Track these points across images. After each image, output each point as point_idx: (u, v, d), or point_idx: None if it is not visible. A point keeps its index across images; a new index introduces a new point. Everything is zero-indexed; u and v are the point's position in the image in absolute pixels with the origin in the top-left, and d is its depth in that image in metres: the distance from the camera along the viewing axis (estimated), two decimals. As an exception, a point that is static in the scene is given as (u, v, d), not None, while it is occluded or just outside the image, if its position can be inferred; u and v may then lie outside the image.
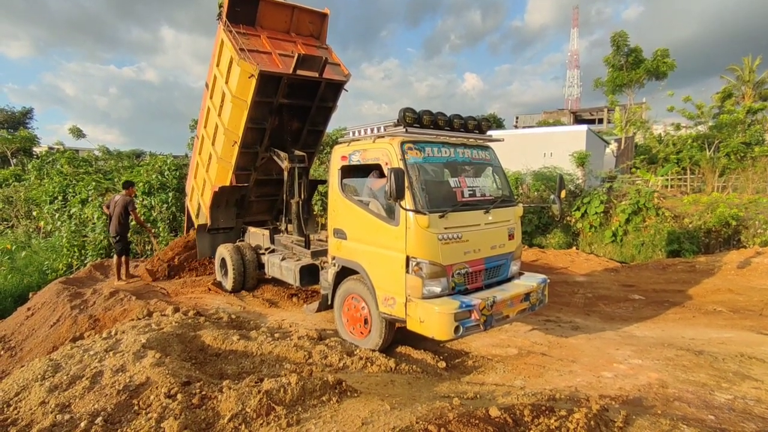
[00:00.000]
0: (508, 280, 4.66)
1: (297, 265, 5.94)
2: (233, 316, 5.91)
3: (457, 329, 3.76)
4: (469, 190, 4.41)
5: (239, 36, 6.37)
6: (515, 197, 5.01)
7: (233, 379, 3.59)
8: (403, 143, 4.15)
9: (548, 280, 4.88)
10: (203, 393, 3.08)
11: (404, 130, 4.15)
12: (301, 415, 2.83)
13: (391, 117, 4.52)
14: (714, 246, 9.95)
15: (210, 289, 7.61)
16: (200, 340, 4.56)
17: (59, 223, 12.11)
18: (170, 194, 11.61)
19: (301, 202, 7.12)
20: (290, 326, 5.62)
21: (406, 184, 3.85)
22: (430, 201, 4.02)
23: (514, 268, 4.76)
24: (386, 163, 4.20)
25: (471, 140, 4.78)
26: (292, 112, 7.16)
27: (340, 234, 4.81)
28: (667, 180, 20.41)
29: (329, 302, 5.08)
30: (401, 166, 3.99)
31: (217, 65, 6.96)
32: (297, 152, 7.16)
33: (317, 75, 6.54)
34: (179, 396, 3.00)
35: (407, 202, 3.91)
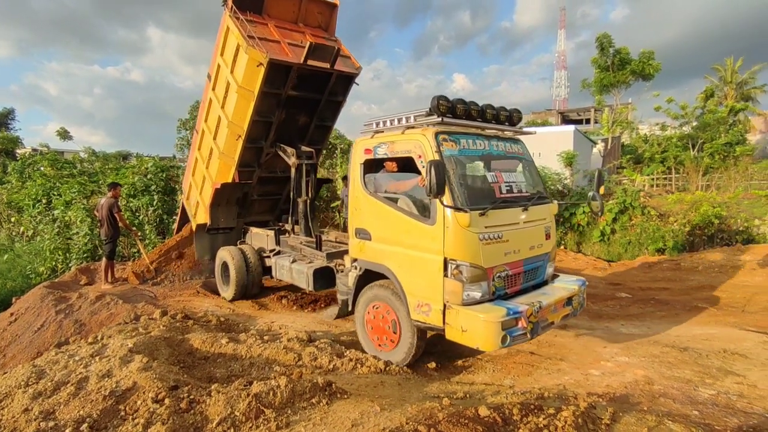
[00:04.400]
0: (544, 282, 4.40)
1: (310, 268, 5.57)
2: (222, 319, 5.86)
3: (504, 339, 3.43)
4: (506, 186, 4.07)
5: (246, 23, 6.05)
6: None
7: (222, 382, 3.56)
8: (437, 134, 3.80)
9: (587, 283, 4.58)
10: (191, 397, 3.05)
11: (440, 120, 3.80)
12: (291, 418, 2.81)
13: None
14: (698, 244, 10.14)
15: (199, 292, 7.55)
16: (188, 344, 4.51)
17: (42, 226, 11.89)
18: (155, 196, 11.45)
19: (308, 201, 6.86)
20: (280, 328, 5.59)
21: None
22: (469, 197, 3.69)
23: (550, 269, 4.48)
24: (419, 156, 3.83)
25: (504, 132, 4.49)
26: (300, 106, 6.84)
27: (363, 234, 4.43)
28: (653, 179, 20.74)
29: (349, 308, 4.72)
30: (436, 158, 3.62)
31: (222, 54, 6.62)
32: (305, 148, 6.86)
33: (328, 66, 6.23)
34: (167, 401, 2.97)
35: (445, 198, 3.56)
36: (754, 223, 9.70)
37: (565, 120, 47.35)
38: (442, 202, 3.54)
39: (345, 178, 9.57)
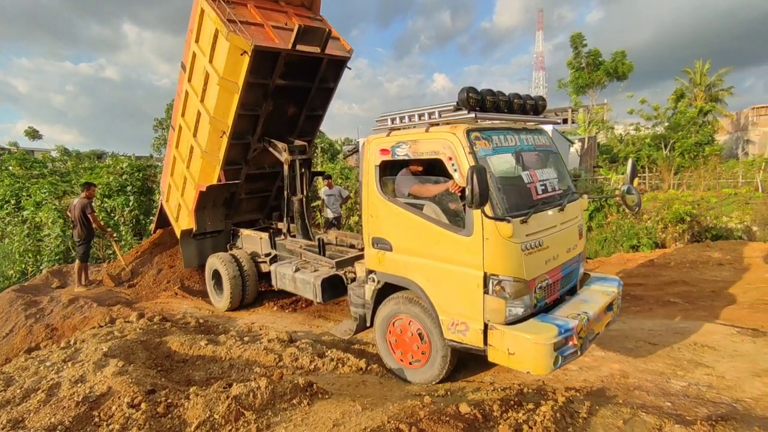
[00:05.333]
0: (576, 285, 4.06)
1: (317, 277, 5.03)
2: (201, 321, 5.77)
3: (556, 360, 3.10)
4: (541, 185, 3.68)
5: (224, 4, 5.39)
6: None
7: (201, 385, 3.51)
8: (469, 132, 3.35)
9: (622, 283, 4.23)
10: (169, 401, 2.99)
11: (472, 115, 3.33)
12: (272, 419, 2.79)
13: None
14: (670, 241, 10.46)
15: (177, 294, 7.40)
16: (166, 347, 4.43)
17: (10, 228, 11.47)
18: (132, 197, 11.18)
19: (304, 199, 6.39)
20: (260, 329, 5.53)
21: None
22: (509, 203, 3.31)
23: (581, 270, 4.14)
24: (450, 158, 3.38)
25: (530, 124, 4.06)
26: (288, 95, 6.24)
27: (381, 244, 3.94)
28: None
29: (368, 323, 4.28)
30: (471, 160, 3.22)
31: (197, 41, 5.94)
32: (297, 142, 6.35)
33: (319, 50, 5.65)
34: (143, 405, 2.90)
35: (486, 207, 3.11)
36: (723, 220, 10.07)
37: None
38: (484, 213, 3.11)
39: (328, 177, 9.50)
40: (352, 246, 5.86)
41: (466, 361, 4.41)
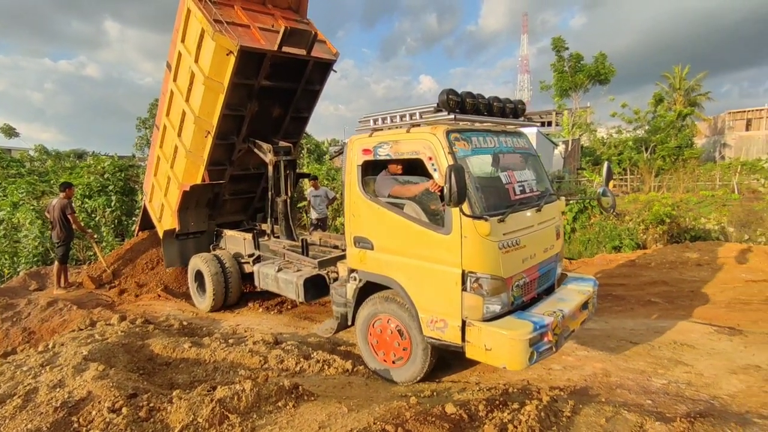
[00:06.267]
0: (553, 285, 4.16)
1: (299, 277, 5.05)
2: (185, 323, 5.68)
3: (531, 356, 3.18)
4: (519, 186, 3.79)
5: (210, 5, 5.38)
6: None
7: (184, 388, 3.45)
8: (448, 133, 3.43)
9: (598, 283, 4.36)
10: (151, 405, 2.94)
11: (452, 117, 3.40)
12: (257, 422, 2.76)
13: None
14: (651, 241, 10.68)
15: (160, 296, 7.27)
16: (149, 350, 4.35)
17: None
18: (113, 197, 10.96)
19: (288, 200, 6.38)
20: (245, 331, 5.48)
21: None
22: (487, 202, 3.39)
23: (559, 270, 4.26)
24: (430, 158, 3.45)
25: (509, 127, 4.14)
26: (274, 97, 6.25)
27: (363, 243, 3.99)
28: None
29: (349, 323, 4.33)
30: (450, 160, 3.28)
31: (183, 41, 5.93)
32: (282, 143, 6.35)
33: (305, 53, 5.70)
34: (124, 410, 2.84)
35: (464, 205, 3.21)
36: (701, 222, 10.32)
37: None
38: (462, 211, 3.19)
39: (314, 178, 9.45)
40: (335, 247, 5.85)
41: (451, 362, 4.44)
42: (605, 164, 4.40)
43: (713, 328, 4.71)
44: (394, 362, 3.92)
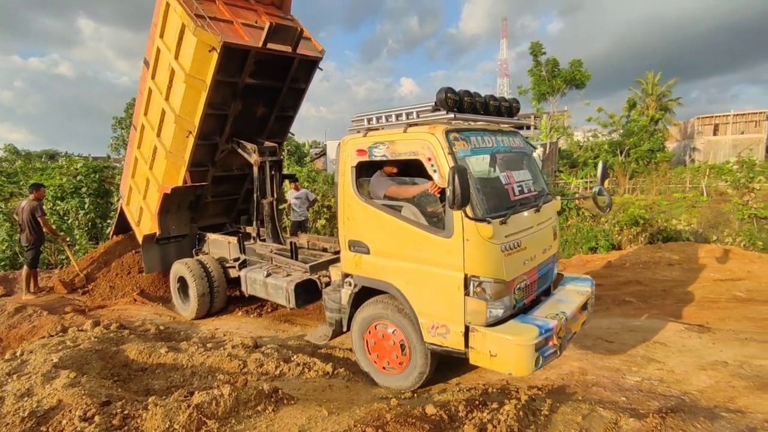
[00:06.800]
0: (550, 286, 4.11)
1: (290, 282, 4.85)
2: (162, 328, 5.57)
3: (537, 361, 3.09)
4: (518, 186, 3.70)
5: None
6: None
7: (161, 394, 3.38)
8: (448, 132, 3.33)
9: (594, 282, 4.33)
10: (125, 412, 2.87)
11: (452, 116, 3.30)
12: (235, 428, 2.72)
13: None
14: (626, 242, 10.96)
15: (136, 300, 7.09)
16: (124, 355, 4.24)
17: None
18: (87, 199, 10.65)
19: (275, 202, 6.21)
20: (224, 335, 5.39)
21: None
22: (488, 204, 3.30)
23: (555, 271, 4.22)
24: (429, 159, 3.34)
25: (505, 126, 4.07)
26: (258, 95, 6.04)
27: (358, 247, 3.86)
28: (587, 182, 22.21)
29: (344, 329, 4.20)
30: (451, 160, 3.19)
31: (161, 36, 5.69)
32: (267, 143, 6.15)
33: (290, 50, 5.55)
34: (97, 418, 2.77)
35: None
36: (672, 223, 10.65)
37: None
38: (465, 214, 3.11)
39: (295, 180, 9.36)
40: (324, 250, 5.75)
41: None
42: (601, 164, 4.30)
43: (684, 326, 4.86)
44: (392, 368, 3.81)
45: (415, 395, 3.53)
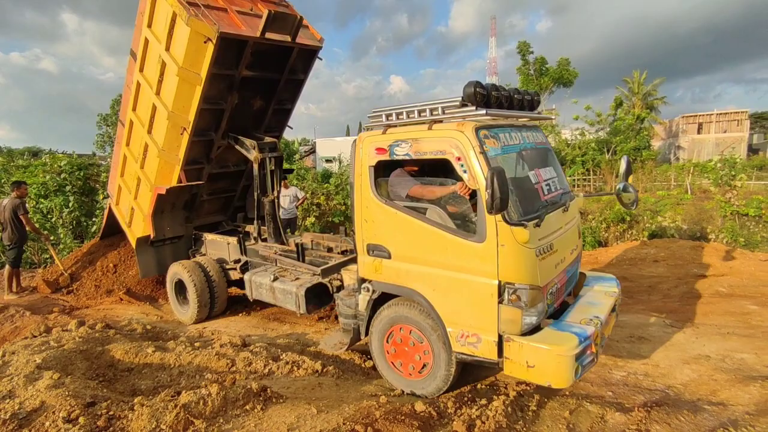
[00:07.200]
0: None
1: (300, 287, 4.61)
2: (149, 327, 5.51)
3: (576, 371, 2.91)
4: (546, 185, 3.51)
5: None
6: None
7: (147, 394, 3.34)
8: (478, 130, 3.11)
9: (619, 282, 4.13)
10: (111, 413, 2.83)
11: (483, 112, 3.07)
12: (223, 427, 2.70)
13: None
14: (612, 239, 11.11)
15: (122, 299, 7.00)
16: (109, 355, 4.18)
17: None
18: (71, 197, 10.46)
19: (276, 200, 5.95)
20: (212, 334, 5.36)
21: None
22: (522, 206, 3.12)
23: (578, 271, 4.01)
24: (458, 158, 3.11)
25: (528, 121, 3.89)
26: (255, 88, 5.77)
27: (378, 251, 3.63)
28: (574, 180, 22.45)
29: (363, 336, 3.99)
30: (483, 160, 2.99)
31: (149, 25, 5.36)
32: (267, 138, 5.90)
33: (290, 39, 5.26)
34: (81, 419, 2.72)
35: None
36: (657, 220, 10.82)
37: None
38: (505, 218, 2.90)
39: (284, 177, 9.28)
40: (329, 249, 5.54)
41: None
42: (624, 159, 4.09)
43: (668, 321, 4.95)
44: (414, 374, 3.62)
45: (405, 393, 3.54)
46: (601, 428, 2.91)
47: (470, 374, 4.00)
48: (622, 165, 4.05)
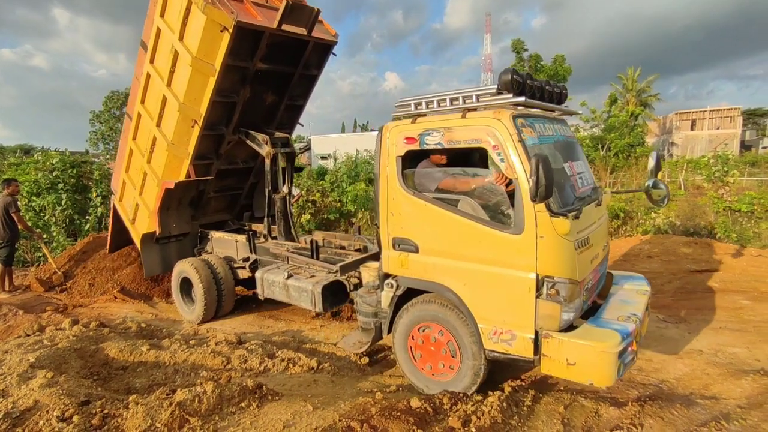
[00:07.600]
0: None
1: (316, 284, 4.48)
2: (143, 325, 5.48)
3: (619, 369, 2.83)
4: (579, 178, 3.44)
5: None
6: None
7: (142, 393, 3.33)
8: (515, 118, 3.02)
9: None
10: (105, 411, 2.82)
11: (522, 99, 3.03)
12: (218, 425, 2.70)
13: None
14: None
15: (116, 297, 6.95)
16: (104, 354, 4.16)
17: None
18: (64, 195, 10.38)
19: (288, 197, 5.85)
20: (207, 332, 5.35)
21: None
22: (561, 197, 3.03)
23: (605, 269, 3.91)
24: (494, 147, 3.01)
25: (558, 113, 3.82)
26: (268, 82, 5.63)
27: (404, 245, 3.52)
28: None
29: (385, 333, 3.87)
30: (520, 149, 2.90)
31: (162, 15, 5.25)
32: (279, 134, 5.79)
33: (306, 32, 5.15)
34: (75, 418, 2.71)
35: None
36: (651, 216, 10.88)
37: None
38: (549, 208, 2.82)
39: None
40: (342, 247, 5.43)
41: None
42: (654, 155, 3.99)
43: (661, 317, 4.99)
44: (441, 374, 3.52)
45: (401, 389, 3.55)
46: (595, 423, 2.93)
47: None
48: (651, 161, 3.95)
